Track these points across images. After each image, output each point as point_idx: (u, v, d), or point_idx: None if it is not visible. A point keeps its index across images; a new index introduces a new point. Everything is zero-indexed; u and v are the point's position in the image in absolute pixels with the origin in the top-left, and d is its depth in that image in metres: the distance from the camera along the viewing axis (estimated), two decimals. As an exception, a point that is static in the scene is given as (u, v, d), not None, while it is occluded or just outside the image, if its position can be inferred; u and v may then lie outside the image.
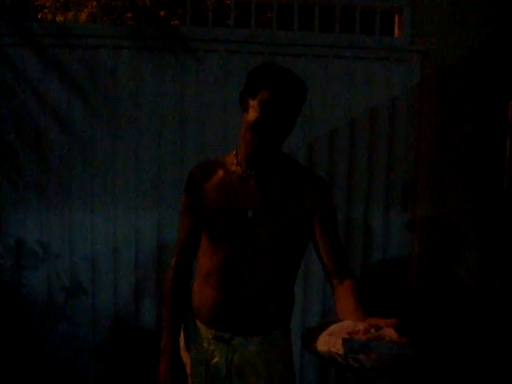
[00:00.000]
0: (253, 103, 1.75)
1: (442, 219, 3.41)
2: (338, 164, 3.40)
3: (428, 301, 3.40)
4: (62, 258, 3.31)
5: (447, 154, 3.41)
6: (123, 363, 3.37)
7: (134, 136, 3.31)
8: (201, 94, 3.31)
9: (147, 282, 3.38)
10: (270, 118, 1.72)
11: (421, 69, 3.38)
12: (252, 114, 1.75)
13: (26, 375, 3.28)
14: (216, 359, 1.86)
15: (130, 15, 7.26)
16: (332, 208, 1.85)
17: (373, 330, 0.97)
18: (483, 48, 3.39)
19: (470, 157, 3.41)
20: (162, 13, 6.99)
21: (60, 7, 7.03)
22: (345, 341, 0.93)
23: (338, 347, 0.92)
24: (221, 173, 1.89)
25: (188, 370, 1.93)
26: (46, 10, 7.43)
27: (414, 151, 3.41)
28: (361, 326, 0.97)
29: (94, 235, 3.33)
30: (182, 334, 1.98)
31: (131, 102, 3.30)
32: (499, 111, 3.40)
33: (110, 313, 3.37)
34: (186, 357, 1.94)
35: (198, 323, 1.91)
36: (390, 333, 0.96)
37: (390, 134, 3.41)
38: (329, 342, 0.93)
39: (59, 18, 6.60)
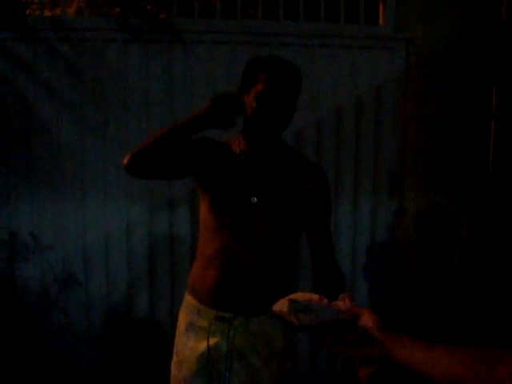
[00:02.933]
0: (248, 98, 1.82)
1: (429, 203, 3.46)
2: (325, 152, 3.45)
3: (417, 284, 3.46)
4: (55, 249, 3.35)
5: (433, 139, 3.46)
6: (119, 352, 3.41)
7: (123, 126, 3.34)
8: (189, 84, 3.35)
9: (140, 271, 3.42)
10: (266, 111, 1.78)
11: (406, 57, 3.43)
12: (249, 109, 1.81)
13: (22, 365, 3.32)
14: (217, 339, 1.90)
15: (118, 10, 7.26)
16: (328, 202, 1.94)
17: (326, 300, 1.08)
18: (467, 35, 3.44)
19: (455, 142, 3.47)
20: (148, 7, 7.00)
21: (48, 3, 7.01)
22: (291, 301, 1.06)
23: (285, 306, 1.06)
24: (227, 157, 1.95)
25: (181, 356, 1.97)
26: (34, 6, 7.40)
27: (400, 138, 3.46)
28: (315, 297, 1.10)
29: (85, 226, 3.36)
30: (181, 317, 2.02)
31: (120, 93, 3.33)
32: (484, 97, 3.46)
33: (103, 302, 3.41)
34: (182, 342, 1.98)
35: (199, 304, 1.95)
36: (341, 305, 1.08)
37: (376, 121, 3.45)
38: (283, 303, 1.07)
39: (47, 14, 6.59)
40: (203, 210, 1.96)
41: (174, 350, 2.02)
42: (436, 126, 3.46)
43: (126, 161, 1.91)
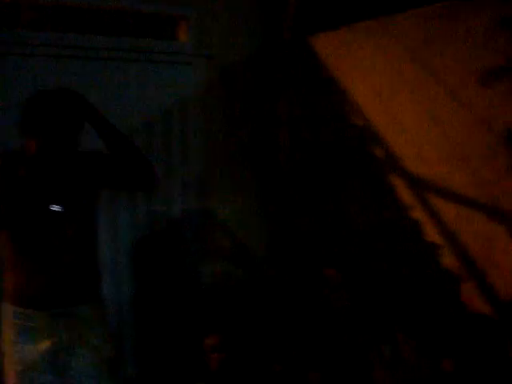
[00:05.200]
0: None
1: (233, 203, 3.87)
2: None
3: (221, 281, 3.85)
4: None
5: (234, 146, 3.88)
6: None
7: None
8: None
9: None
10: (38, 142, 1.98)
11: (207, 72, 3.78)
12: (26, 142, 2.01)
13: None
14: (53, 334, 2.07)
15: None
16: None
17: None
18: (261, 52, 3.92)
19: (253, 147, 3.93)
20: None
21: None
22: None
23: None
24: (18, 167, 2.04)
25: (22, 364, 2.07)
26: None
27: (205, 147, 3.80)
28: None
29: None
30: (6, 329, 2.11)
31: None
32: (273, 107, 3.97)
33: None
34: (19, 351, 2.06)
35: (27, 310, 2.07)
36: None
37: (183, 133, 3.73)
38: None
39: None
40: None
41: (11, 361, 2.09)
42: (236, 134, 3.88)
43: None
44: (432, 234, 3.18)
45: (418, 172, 3.22)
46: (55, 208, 2.05)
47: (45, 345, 2.07)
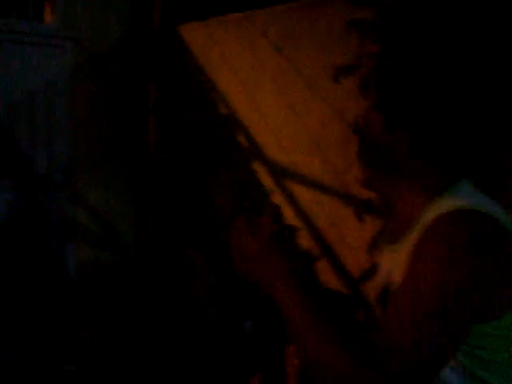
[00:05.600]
0: None
1: (101, 188, 3.88)
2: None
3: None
4: None
5: (103, 131, 3.88)
6: None
7: None
8: None
9: None
10: None
11: (75, 55, 3.74)
12: None
13: None
14: None
15: None
16: None
17: None
18: (129, 39, 3.93)
19: (122, 133, 3.95)
20: None
21: None
22: None
23: None
24: None
25: None
26: None
27: (71, 131, 3.77)
28: None
29: None
30: None
31: None
32: (143, 93, 4.01)
33: None
34: None
35: None
36: None
37: (48, 116, 3.69)
38: None
39: None
40: None
41: None
42: (104, 119, 3.88)
43: None
44: (290, 217, 3.40)
45: (277, 159, 3.42)
46: None
47: None
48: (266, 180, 3.48)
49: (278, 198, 3.43)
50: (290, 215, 3.39)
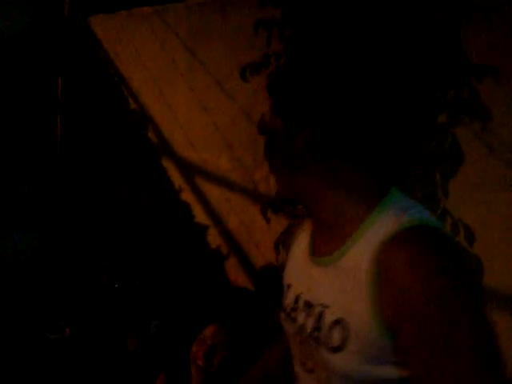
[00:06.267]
0: None
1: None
2: None
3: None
4: None
5: (6, 126, 3.72)
6: None
7: None
8: None
9: None
10: None
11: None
12: None
13: None
14: None
15: None
16: None
17: None
18: (37, 27, 3.78)
19: (28, 128, 3.80)
20: None
21: None
22: None
23: None
24: None
25: None
26: None
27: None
28: None
29: None
30: None
31: None
32: (52, 87, 3.88)
33: None
34: None
35: None
36: None
37: None
38: None
39: None
40: None
41: None
42: (6, 113, 3.72)
43: None
44: (200, 215, 3.39)
45: (188, 157, 3.40)
46: None
47: None
48: (177, 178, 3.45)
49: (187, 196, 3.41)
50: (199, 213, 3.38)
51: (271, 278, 3.02)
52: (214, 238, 3.36)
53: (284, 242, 3.07)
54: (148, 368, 2.84)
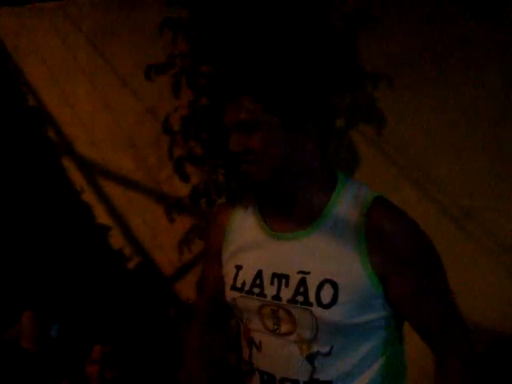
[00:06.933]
0: None
1: None
2: None
3: None
4: None
5: None
6: None
7: None
8: None
9: None
10: None
11: None
12: None
13: None
14: None
15: None
16: None
17: None
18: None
19: None
20: None
21: None
22: None
23: None
24: None
25: None
26: None
27: None
28: None
29: None
30: None
31: None
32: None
33: None
34: None
35: None
36: None
37: None
38: None
39: None
40: None
41: None
42: None
43: None
44: (103, 216, 3.31)
45: (89, 156, 3.31)
46: None
47: None
48: (77, 177, 3.36)
49: (89, 196, 3.33)
50: (101, 214, 3.31)
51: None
52: (116, 240, 3.30)
53: (189, 242, 3.08)
54: (48, 372, 2.74)
